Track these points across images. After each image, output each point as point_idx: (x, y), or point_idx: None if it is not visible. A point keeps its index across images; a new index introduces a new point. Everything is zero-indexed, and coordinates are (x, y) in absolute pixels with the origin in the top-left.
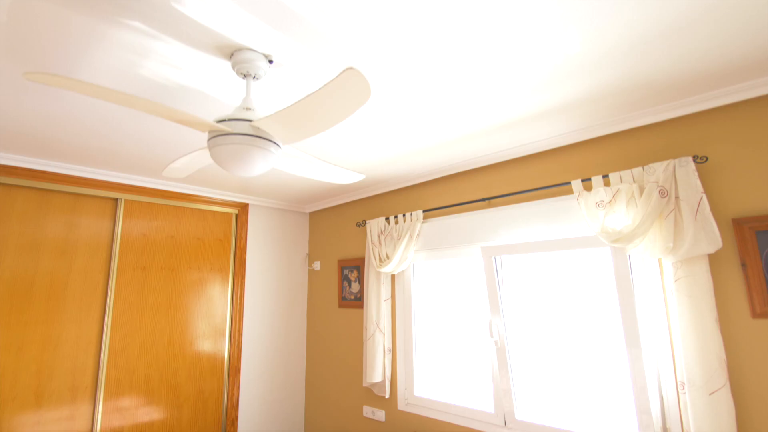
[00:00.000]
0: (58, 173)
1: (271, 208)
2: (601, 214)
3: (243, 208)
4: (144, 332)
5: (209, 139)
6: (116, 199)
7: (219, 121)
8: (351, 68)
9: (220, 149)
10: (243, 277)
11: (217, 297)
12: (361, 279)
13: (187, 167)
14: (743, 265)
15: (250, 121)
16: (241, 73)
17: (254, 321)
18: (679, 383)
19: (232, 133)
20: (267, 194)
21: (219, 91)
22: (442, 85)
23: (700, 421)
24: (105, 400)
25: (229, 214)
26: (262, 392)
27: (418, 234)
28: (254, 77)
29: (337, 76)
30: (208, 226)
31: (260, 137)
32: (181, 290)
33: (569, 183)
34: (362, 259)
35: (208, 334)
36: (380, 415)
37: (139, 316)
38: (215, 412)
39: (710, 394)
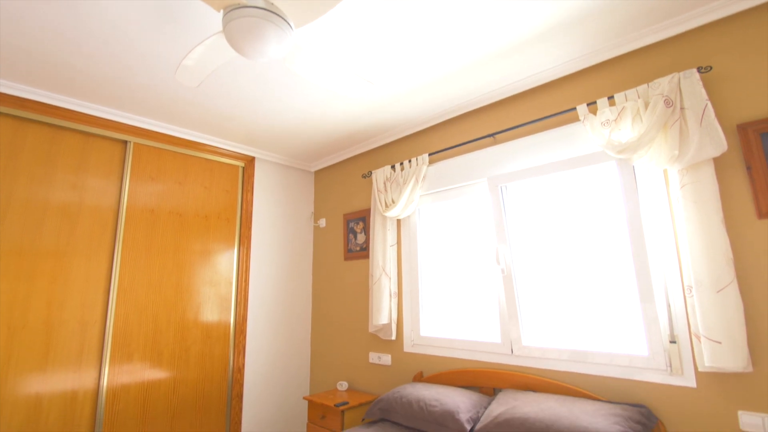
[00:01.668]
0: (69, 109)
1: (277, 164)
2: (606, 132)
3: (249, 161)
4: (152, 273)
5: (225, 16)
6: (125, 142)
7: None
8: None
9: (234, 24)
10: (249, 229)
11: (224, 246)
12: (366, 229)
13: (201, 65)
14: (748, 168)
15: None
16: None
17: (260, 277)
18: (686, 288)
19: (247, 6)
20: (273, 147)
21: None
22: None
23: (708, 319)
24: (114, 336)
25: (235, 167)
26: (267, 345)
27: (423, 177)
28: None
29: None
30: (215, 177)
31: (275, 13)
32: (189, 236)
33: (575, 109)
34: (368, 210)
35: (215, 281)
36: (386, 359)
37: (147, 257)
38: (222, 357)
39: (718, 292)
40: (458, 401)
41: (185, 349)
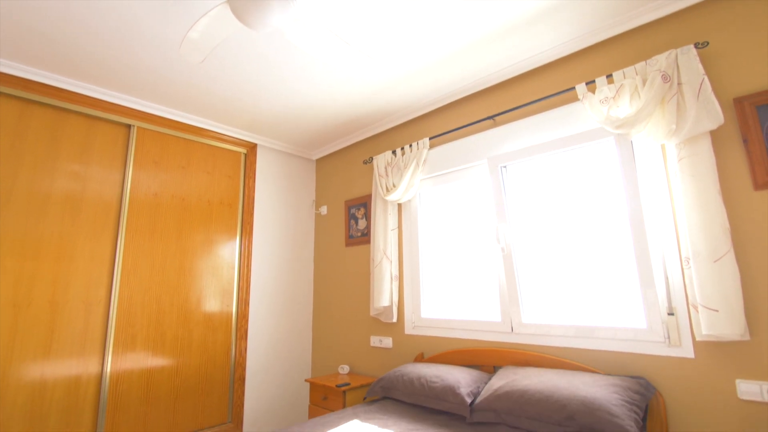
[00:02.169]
0: (74, 92)
1: (279, 152)
2: (605, 109)
3: (251, 149)
4: (155, 256)
5: None
6: (129, 126)
7: None
8: None
9: None
10: (251, 215)
11: (227, 231)
12: (368, 215)
13: (205, 38)
14: (745, 140)
15: None
16: None
17: (262, 263)
18: (683, 259)
19: None
20: (275, 134)
21: None
22: None
23: (705, 288)
24: (118, 316)
25: (238, 154)
26: (269, 330)
27: (424, 161)
28: None
29: None
30: (218, 162)
31: None
32: (191, 220)
33: (574, 88)
34: (369, 196)
35: (217, 265)
36: (387, 342)
37: (150, 240)
38: (224, 341)
39: (715, 262)
40: (459, 377)
41: (188, 331)
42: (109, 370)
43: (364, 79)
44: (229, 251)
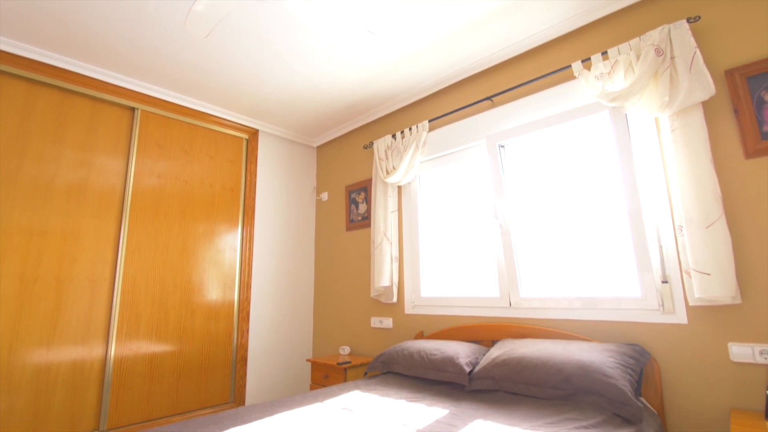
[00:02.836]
0: (80, 74)
1: (280, 138)
2: (600, 84)
3: (253, 134)
4: (159, 236)
5: None
6: (133, 109)
7: None
8: None
9: None
10: (253, 199)
11: (229, 213)
12: (368, 199)
13: (210, 11)
14: (736, 111)
15: None
16: None
17: (263, 249)
18: (677, 228)
19: None
20: (277, 119)
21: None
22: None
23: (698, 253)
24: (123, 294)
25: (240, 139)
26: (271, 313)
27: (423, 143)
28: None
29: None
30: (220, 147)
31: None
32: (194, 203)
33: (570, 66)
34: (369, 180)
35: (219, 248)
36: (388, 323)
37: (154, 221)
38: (226, 322)
39: (707, 228)
40: (458, 349)
41: (191, 312)
42: (113, 348)
43: (363, 63)
44: (231, 235)
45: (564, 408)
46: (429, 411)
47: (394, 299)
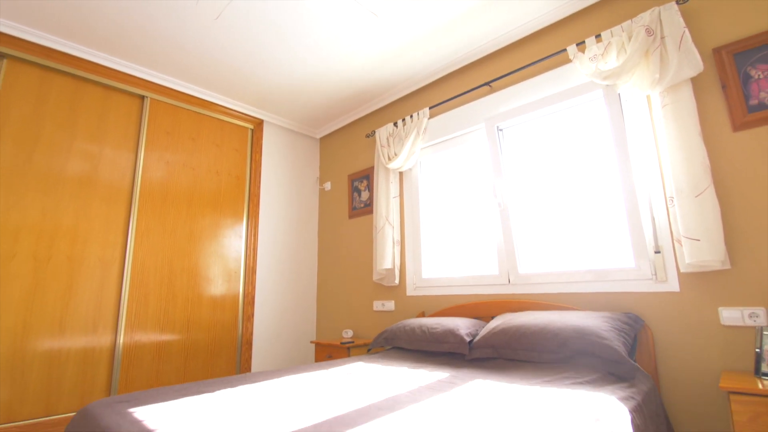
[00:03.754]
0: (92, 62)
1: (284, 129)
2: (593, 65)
3: (258, 125)
4: (166, 221)
5: None
6: (143, 97)
7: None
8: None
9: None
10: (258, 187)
11: (235, 200)
12: (370, 186)
13: None
14: (723, 86)
15: None
16: None
17: (268, 237)
18: (668, 199)
19: None
20: (281, 110)
21: None
22: None
23: (688, 221)
24: (132, 275)
25: (245, 129)
26: (275, 298)
27: (424, 129)
28: None
29: None
30: (226, 137)
31: None
32: (201, 189)
33: (565, 50)
34: (371, 168)
35: (226, 234)
36: (390, 305)
37: (162, 205)
38: (232, 306)
39: (696, 197)
40: (458, 323)
41: (197, 295)
42: (123, 326)
43: (367, 52)
44: (236, 221)
45: (560, 369)
46: (430, 374)
47: (396, 281)
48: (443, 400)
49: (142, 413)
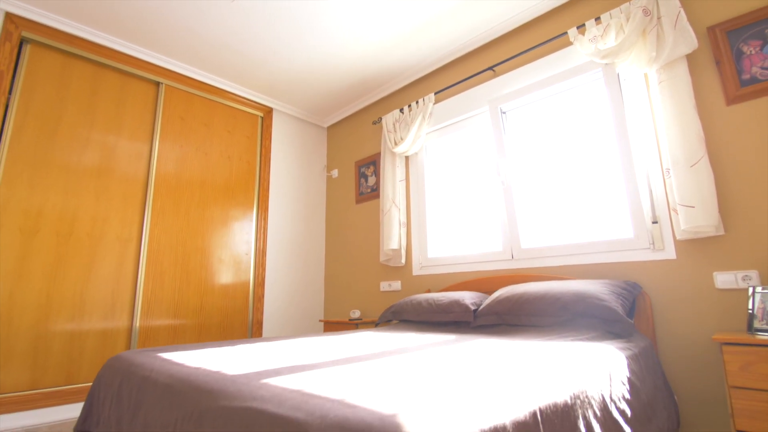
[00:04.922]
0: (111, 48)
1: (293, 117)
2: (593, 45)
3: (268, 113)
4: (180, 202)
5: None
6: (158, 83)
7: None
8: None
9: None
10: (268, 173)
11: (246, 184)
12: (377, 171)
13: None
14: (717, 62)
15: None
16: None
17: (277, 221)
18: (665, 170)
19: None
20: (290, 98)
21: None
22: None
23: (683, 189)
24: (148, 253)
25: (255, 117)
26: (284, 280)
27: (430, 114)
28: None
29: None
30: (237, 124)
31: None
32: (214, 172)
33: (566, 33)
34: (378, 154)
35: (237, 217)
36: (396, 285)
37: (177, 187)
38: (243, 287)
39: (691, 166)
40: (464, 294)
41: (210, 275)
42: (140, 303)
43: (374, 38)
44: (247, 205)
45: (562, 331)
46: (436, 337)
47: (402, 261)
48: (448, 350)
49: (170, 356)
